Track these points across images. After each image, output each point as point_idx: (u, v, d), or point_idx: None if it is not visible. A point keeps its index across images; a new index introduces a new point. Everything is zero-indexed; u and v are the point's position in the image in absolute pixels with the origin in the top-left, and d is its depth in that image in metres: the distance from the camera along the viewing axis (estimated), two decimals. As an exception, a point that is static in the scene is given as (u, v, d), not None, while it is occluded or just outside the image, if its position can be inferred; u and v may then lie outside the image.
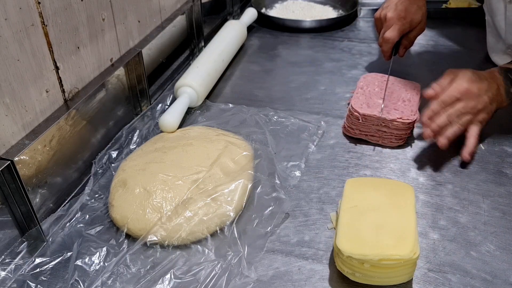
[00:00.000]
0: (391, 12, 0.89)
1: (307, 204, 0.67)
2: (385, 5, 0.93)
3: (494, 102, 0.73)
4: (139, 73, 0.83)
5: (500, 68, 0.76)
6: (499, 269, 0.57)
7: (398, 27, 0.88)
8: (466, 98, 0.71)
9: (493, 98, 0.73)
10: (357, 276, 0.54)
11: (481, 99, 0.71)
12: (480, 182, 0.70)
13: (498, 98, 0.73)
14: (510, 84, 0.74)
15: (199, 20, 1.06)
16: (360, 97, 0.80)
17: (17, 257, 0.58)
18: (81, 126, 0.70)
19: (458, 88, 0.72)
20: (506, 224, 0.63)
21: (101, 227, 0.62)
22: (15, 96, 0.59)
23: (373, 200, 0.59)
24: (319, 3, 1.32)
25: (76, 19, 0.68)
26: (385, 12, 0.91)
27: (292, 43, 1.14)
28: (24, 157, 0.58)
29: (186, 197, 0.63)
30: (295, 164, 0.73)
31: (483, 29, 1.02)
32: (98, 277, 0.55)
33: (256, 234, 0.61)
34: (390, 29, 0.88)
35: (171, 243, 0.60)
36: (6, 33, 0.55)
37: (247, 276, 0.56)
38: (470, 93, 0.71)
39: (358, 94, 0.81)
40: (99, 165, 0.72)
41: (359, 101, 0.79)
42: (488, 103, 0.72)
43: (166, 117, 0.78)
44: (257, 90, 0.94)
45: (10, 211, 0.59)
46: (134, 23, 0.84)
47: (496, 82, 0.74)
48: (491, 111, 0.73)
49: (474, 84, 0.72)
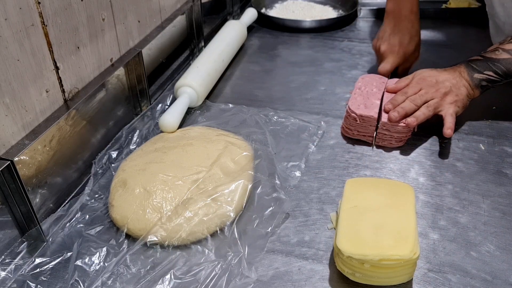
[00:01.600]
0: (384, 45, 0.93)
1: (307, 204, 0.67)
2: (380, 35, 0.95)
3: (462, 87, 0.77)
4: (139, 73, 0.83)
5: (465, 61, 0.80)
6: (499, 269, 0.57)
7: (391, 61, 0.91)
8: (427, 86, 0.77)
9: (457, 84, 0.77)
10: (357, 276, 0.54)
11: (442, 85, 0.77)
12: (480, 182, 0.70)
13: (464, 84, 0.77)
14: (473, 73, 0.78)
15: (199, 20, 1.06)
16: (358, 97, 0.80)
17: (17, 257, 0.58)
18: (81, 126, 0.70)
19: (417, 80, 0.79)
20: (506, 224, 0.63)
21: (101, 227, 0.62)
22: (15, 96, 0.59)
23: (373, 200, 0.59)
24: (319, 3, 1.32)
25: (76, 19, 0.68)
26: (379, 44, 0.94)
27: (292, 43, 1.14)
28: (24, 157, 0.58)
29: (186, 197, 0.63)
30: (295, 164, 0.73)
31: (483, 29, 1.02)
32: (98, 277, 0.55)
33: (256, 235, 0.61)
34: (384, 63, 0.91)
35: (171, 243, 0.60)
36: (6, 33, 0.55)
37: (247, 276, 0.56)
38: (430, 81, 0.78)
39: (355, 95, 0.81)
40: (99, 165, 0.72)
41: (357, 102, 0.79)
42: (452, 87, 0.77)
43: (166, 117, 0.78)
44: (257, 90, 0.94)
45: (10, 211, 0.59)
46: (134, 23, 0.84)
47: (459, 71, 0.79)
48: (461, 94, 0.77)
49: (432, 74, 0.79)
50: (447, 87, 0.77)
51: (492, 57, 0.77)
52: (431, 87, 0.77)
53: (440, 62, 1.02)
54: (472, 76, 0.78)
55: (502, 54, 0.77)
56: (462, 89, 0.77)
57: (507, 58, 0.76)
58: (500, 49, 0.77)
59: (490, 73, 0.77)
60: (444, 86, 0.77)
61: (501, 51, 0.77)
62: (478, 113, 0.84)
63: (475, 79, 0.78)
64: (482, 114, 0.84)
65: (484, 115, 0.84)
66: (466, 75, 0.78)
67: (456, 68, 0.80)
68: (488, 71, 0.77)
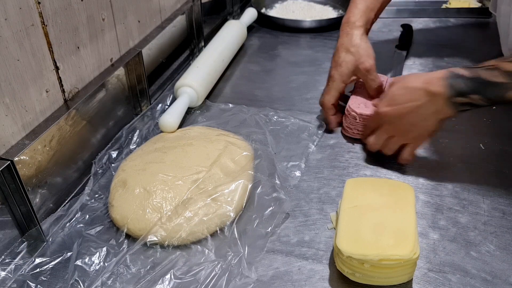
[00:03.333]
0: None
1: (307, 204, 0.67)
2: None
3: (431, 117, 0.66)
4: (139, 73, 0.83)
5: (448, 73, 0.64)
6: (499, 269, 0.57)
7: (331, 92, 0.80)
8: (386, 121, 0.70)
9: (424, 114, 0.66)
10: (357, 276, 0.54)
11: (403, 121, 0.68)
12: (480, 182, 0.70)
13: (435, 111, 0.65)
14: (454, 94, 0.63)
15: (199, 20, 1.06)
16: (358, 97, 0.80)
17: (17, 257, 0.58)
18: (81, 126, 0.70)
19: (376, 112, 0.71)
20: (506, 224, 0.63)
21: (101, 227, 0.62)
22: (15, 96, 0.59)
23: (373, 200, 0.59)
24: (319, 3, 1.31)
25: (76, 19, 0.68)
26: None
27: (292, 43, 1.14)
28: (24, 157, 0.58)
29: (186, 197, 0.63)
30: (295, 164, 0.73)
31: (483, 29, 1.02)
32: (98, 277, 0.55)
33: (256, 234, 0.61)
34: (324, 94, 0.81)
35: (171, 243, 0.60)
36: (6, 33, 0.55)
37: (247, 276, 0.56)
38: (388, 116, 0.69)
39: (355, 94, 0.81)
40: (99, 165, 0.72)
41: (357, 101, 0.79)
42: (417, 122, 0.67)
43: (166, 117, 0.78)
44: (257, 90, 0.94)
45: (10, 211, 0.59)
46: (134, 23, 0.84)
47: (434, 93, 0.64)
48: (425, 127, 0.68)
49: (394, 106, 0.68)
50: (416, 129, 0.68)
51: (486, 78, 0.61)
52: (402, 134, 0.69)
53: (440, 62, 1.02)
54: (451, 100, 0.63)
55: (498, 77, 0.60)
56: (429, 121, 0.66)
57: (504, 83, 0.60)
58: (499, 70, 0.61)
59: (478, 97, 0.62)
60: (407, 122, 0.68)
61: (498, 72, 0.61)
62: (478, 113, 0.84)
63: (454, 103, 0.63)
64: (482, 114, 0.84)
65: (484, 115, 0.84)
66: (443, 100, 0.63)
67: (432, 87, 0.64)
68: (476, 94, 0.62)
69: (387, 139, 0.71)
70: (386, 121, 0.70)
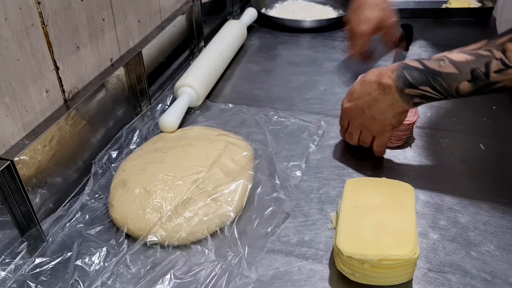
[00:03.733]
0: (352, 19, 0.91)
1: (307, 204, 0.67)
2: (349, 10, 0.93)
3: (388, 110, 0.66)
4: (139, 73, 0.83)
5: (399, 65, 0.65)
6: (499, 269, 0.57)
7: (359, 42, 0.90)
8: (350, 117, 0.72)
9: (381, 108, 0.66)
10: (357, 276, 0.54)
11: (363, 116, 0.69)
12: (480, 182, 0.70)
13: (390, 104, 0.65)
14: (404, 85, 0.63)
15: (199, 20, 1.06)
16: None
17: (17, 257, 0.58)
18: (81, 126, 0.70)
19: (342, 109, 0.74)
20: (506, 224, 0.63)
21: (101, 227, 0.62)
22: (15, 96, 0.59)
23: (373, 200, 0.59)
24: (319, 3, 1.32)
25: (76, 19, 0.68)
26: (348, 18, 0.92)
27: (292, 43, 1.14)
28: (24, 157, 0.58)
29: (186, 197, 0.63)
30: (295, 164, 0.73)
31: (483, 29, 1.02)
32: (98, 277, 0.55)
33: (256, 235, 0.61)
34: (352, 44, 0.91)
35: (171, 243, 0.60)
36: (6, 33, 0.55)
37: (247, 276, 0.56)
38: (350, 111, 0.71)
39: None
40: (99, 165, 0.72)
41: None
42: (376, 116, 0.67)
43: (166, 117, 0.78)
44: (257, 90, 0.94)
45: (10, 211, 0.59)
46: (134, 23, 0.84)
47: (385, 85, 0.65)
48: (384, 121, 0.67)
49: (353, 102, 0.70)
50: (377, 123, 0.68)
51: (433, 68, 0.61)
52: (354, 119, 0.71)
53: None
54: (402, 91, 0.63)
55: (447, 67, 0.60)
56: (389, 116, 0.66)
57: (451, 73, 0.59)
58: (447, 59, 0.60)
59: (427, 88, 0.61)
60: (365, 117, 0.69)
61: (446, 62, 0.60)
62: (478, 113, 0.84)
63: (406, 95, 0.63)
64: (482, 114, 0.84)
65: (484, 115, 0.84)
66: (395, 92, 0.64)
67: (384, 79, 0.65)
68: (425, 85, 0.61)
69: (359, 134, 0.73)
70: (350, 117, 0.72)
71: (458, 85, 0.60)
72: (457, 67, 0.59)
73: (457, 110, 0.85)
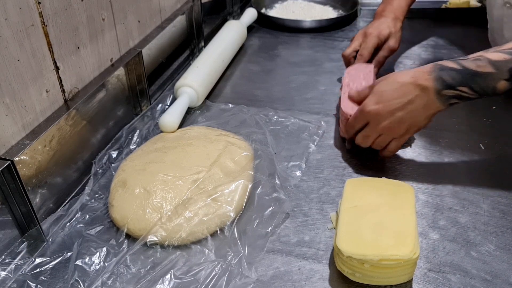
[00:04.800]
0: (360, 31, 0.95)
1: (307, 204, 0.67)
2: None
3: (421, 115, 0.66)
4: (139, 73, 0.83)
5: (435, 66, 0.65)
6: (499, 269, 0.57)
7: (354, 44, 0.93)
8: (373, 120, 0.68)
9: (416, 110, 0.65)
10: (357, 276, 0.54)
11: (392, 118, 0.67)
12: (480, 182, 0.70)
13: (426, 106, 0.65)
14: (442, 87, 0.63)
15: (199, 20, 1.06)
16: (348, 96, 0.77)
17: (17, 257, 0.58)
18: (81, 126, 0.70)
19: (363, 111, 0.69)
20: (506, 224, 0.63)
21: (101, 227, 0.62)
22: (15, 96, 0.59)
23: (373, 200, 0.59)
24: (319, 3, 1.32)
25: (76, 19, 0.68)
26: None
27: (292, 43, 1.14)
28: (24, 157, 0.58)
29: (186, 197, 0.63)
30: (295, 164, 0.73)
31: (483, 29, 1.02)
32: (98, 277, 0.55)
33: (256, 235, 0.61)
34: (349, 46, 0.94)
35: (171, 243, 0.60)
36: (6, 33, 0.55)
37: (247, 276, 0.56)
38: (377, 114, 0.67)
39: (345, 95, 0.78)
40: (99, 165, 0.72)
41: (350, 103, 0.76)
42: (411, 122, 0.66)
43: (166, 117, 0.78)
44: (257, 90, 0.94)
45: (10, 211, 0.59)
46: (134, 23, 0.84)
47: (423, 87, 0.64)
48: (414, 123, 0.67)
49: (382, 104, 0.67)
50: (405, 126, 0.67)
51: (471, 68, 0.61)
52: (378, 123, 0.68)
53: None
54: (440, 93, 0.63)
55: (485, 66, 0.60)
56: (420, 118, 0.66)
57: (490, 73, 0.60)
58: (484, 59, 0.61)
59: (465, 89, 0.61)
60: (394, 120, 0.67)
61: (484, 62, 0.61)
62: (478, 113, 0.84)
63: (443, 96, 0.63)
64: (482, 114, 0.84)
65: (484, 115, 0.84)
66: (432, 93, 0.63)
67: (421, 81, 0.64)
68: (463, 86, 0.61)
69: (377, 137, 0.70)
70: (374, 119, 0.68)
71: (495, 84, 0.60)
72: (495, 66, 0.60)
73: (457, 110, 0.85)
